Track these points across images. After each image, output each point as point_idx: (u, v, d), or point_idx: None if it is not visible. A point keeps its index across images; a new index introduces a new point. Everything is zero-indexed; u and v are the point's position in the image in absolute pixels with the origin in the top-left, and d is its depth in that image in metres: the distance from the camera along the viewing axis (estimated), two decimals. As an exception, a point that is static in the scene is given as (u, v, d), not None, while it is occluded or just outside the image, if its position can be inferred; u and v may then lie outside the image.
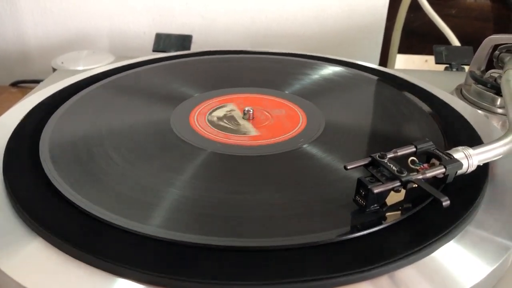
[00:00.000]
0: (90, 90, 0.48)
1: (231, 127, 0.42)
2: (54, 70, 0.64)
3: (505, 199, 0.33)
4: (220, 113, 0.44)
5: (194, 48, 0.71)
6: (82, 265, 0.26)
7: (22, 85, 0.80)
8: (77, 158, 0.36)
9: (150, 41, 0.73)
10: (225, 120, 0.43)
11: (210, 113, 0.44)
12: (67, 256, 0.27)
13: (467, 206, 0.30)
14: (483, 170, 0.34)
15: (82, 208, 0.29)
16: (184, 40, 0.70)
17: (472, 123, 0.42)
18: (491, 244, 0.28)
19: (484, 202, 0.31)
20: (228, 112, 0.44)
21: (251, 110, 0.43)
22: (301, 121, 0.42)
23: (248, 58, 0.59)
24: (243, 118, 0.43)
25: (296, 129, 0.41)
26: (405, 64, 0.97)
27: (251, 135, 0.40)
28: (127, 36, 0.84)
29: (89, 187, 0.32)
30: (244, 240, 0.27)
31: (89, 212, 0.29)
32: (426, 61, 0.98)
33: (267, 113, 0.44)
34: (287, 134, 0.40)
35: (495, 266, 0.27)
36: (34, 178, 0.33)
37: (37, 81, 0.75)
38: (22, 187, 0.32)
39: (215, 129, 0.41)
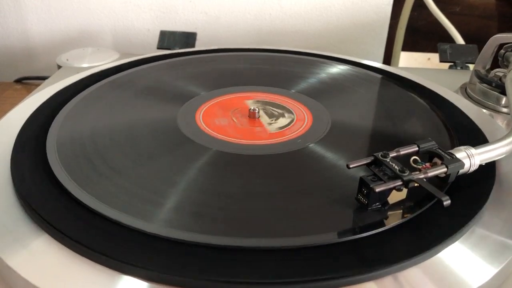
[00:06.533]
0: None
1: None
2: (59, 67, 0.64)
3: (511, 199, 0.33)
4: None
5: (197, 45, 0.71)
6: (88, 262, 0.26)
7: (26, 82, 0.80)
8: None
9: (154, 38, 0.73)
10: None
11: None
12: (72, 252, 0.27)
13: (473, 206, 0.30)
14: (489, 170, 0.34)
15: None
16: (188, 38, 0.71)
17: (476, 122, 0.42)
18: (496, 245, 0.28)
19: (490, 202, 0.31)
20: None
21: (257, 109, 0.43)
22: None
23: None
24: (248, 116, 0.43)
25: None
26: (407, 62, 0.97)
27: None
28: (131, 33, 0.84)
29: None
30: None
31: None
32: (429, 59, 0.98)
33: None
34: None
35: (501, 267, 0.27)
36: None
37: (41, 78, 0.75)
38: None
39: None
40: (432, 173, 0.29)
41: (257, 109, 0.43)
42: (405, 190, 0.29)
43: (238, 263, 0.26)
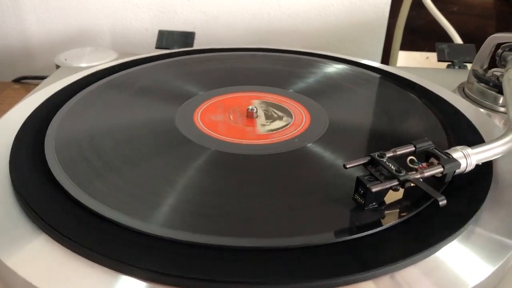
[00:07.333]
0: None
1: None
2: (58, 66, 0.64)
3: (508, 198, 0.33)
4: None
5: (196, 45, 0.71)
6: (86, 262, 0.26)
7: (25, 81, 0.80)
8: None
9: (152, 38, 0.73)
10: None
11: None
12: (71, 252, 0.27)
13: (470, 206, 0.30)
14: (487, 169, 0.34)
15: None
16: (187, 37, 0.71)
17: (474, 121, 0.42)
18: (493, 244, 0.29)
19: (487, 202, 0.31)
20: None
21: (255, 109, 0.43)
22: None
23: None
24: (246, 116, 0.43)
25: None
26: (406, 61, 0.97)
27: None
28: (129, 32, 0.84)
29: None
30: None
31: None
32: (427, 58, 0.98)
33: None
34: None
35: (497, 266, 0.27)
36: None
37: (39, 77, 0.75)
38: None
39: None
40: (428, 173, 0.29)
41: (255, 109, 0.43)
42: (401, 190, 0.30)
43: (236, 263, 0.26)
